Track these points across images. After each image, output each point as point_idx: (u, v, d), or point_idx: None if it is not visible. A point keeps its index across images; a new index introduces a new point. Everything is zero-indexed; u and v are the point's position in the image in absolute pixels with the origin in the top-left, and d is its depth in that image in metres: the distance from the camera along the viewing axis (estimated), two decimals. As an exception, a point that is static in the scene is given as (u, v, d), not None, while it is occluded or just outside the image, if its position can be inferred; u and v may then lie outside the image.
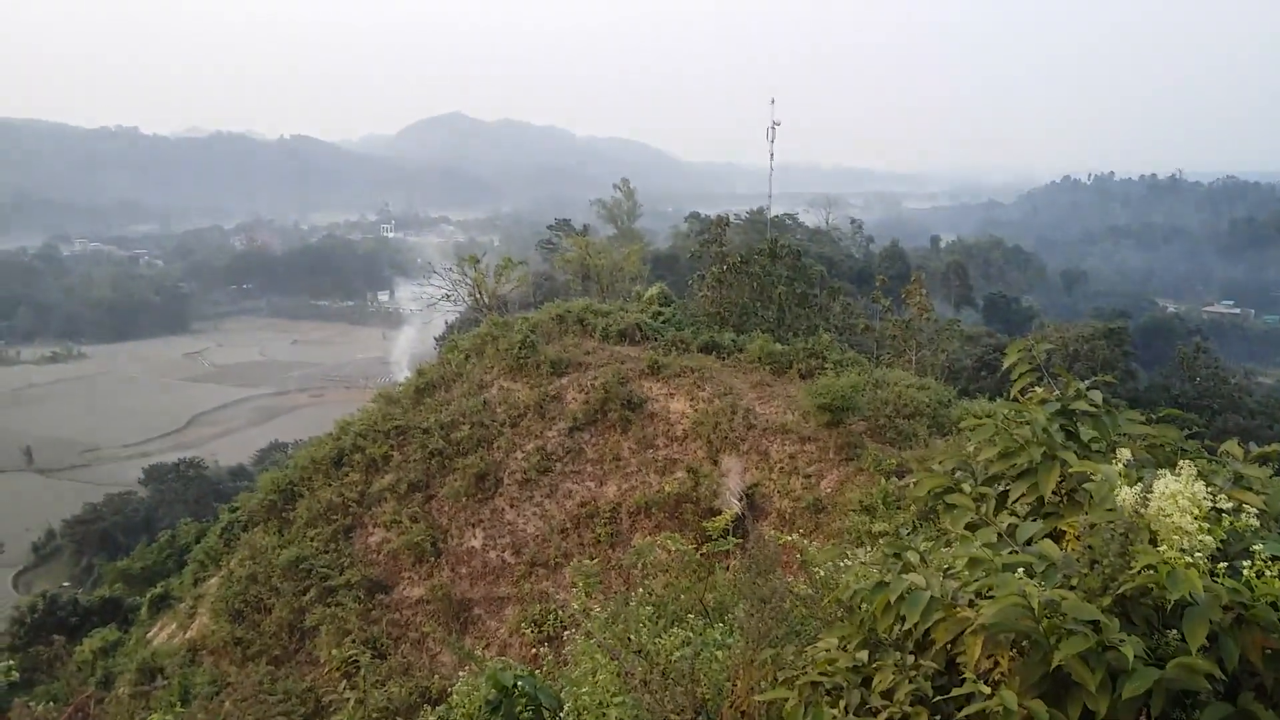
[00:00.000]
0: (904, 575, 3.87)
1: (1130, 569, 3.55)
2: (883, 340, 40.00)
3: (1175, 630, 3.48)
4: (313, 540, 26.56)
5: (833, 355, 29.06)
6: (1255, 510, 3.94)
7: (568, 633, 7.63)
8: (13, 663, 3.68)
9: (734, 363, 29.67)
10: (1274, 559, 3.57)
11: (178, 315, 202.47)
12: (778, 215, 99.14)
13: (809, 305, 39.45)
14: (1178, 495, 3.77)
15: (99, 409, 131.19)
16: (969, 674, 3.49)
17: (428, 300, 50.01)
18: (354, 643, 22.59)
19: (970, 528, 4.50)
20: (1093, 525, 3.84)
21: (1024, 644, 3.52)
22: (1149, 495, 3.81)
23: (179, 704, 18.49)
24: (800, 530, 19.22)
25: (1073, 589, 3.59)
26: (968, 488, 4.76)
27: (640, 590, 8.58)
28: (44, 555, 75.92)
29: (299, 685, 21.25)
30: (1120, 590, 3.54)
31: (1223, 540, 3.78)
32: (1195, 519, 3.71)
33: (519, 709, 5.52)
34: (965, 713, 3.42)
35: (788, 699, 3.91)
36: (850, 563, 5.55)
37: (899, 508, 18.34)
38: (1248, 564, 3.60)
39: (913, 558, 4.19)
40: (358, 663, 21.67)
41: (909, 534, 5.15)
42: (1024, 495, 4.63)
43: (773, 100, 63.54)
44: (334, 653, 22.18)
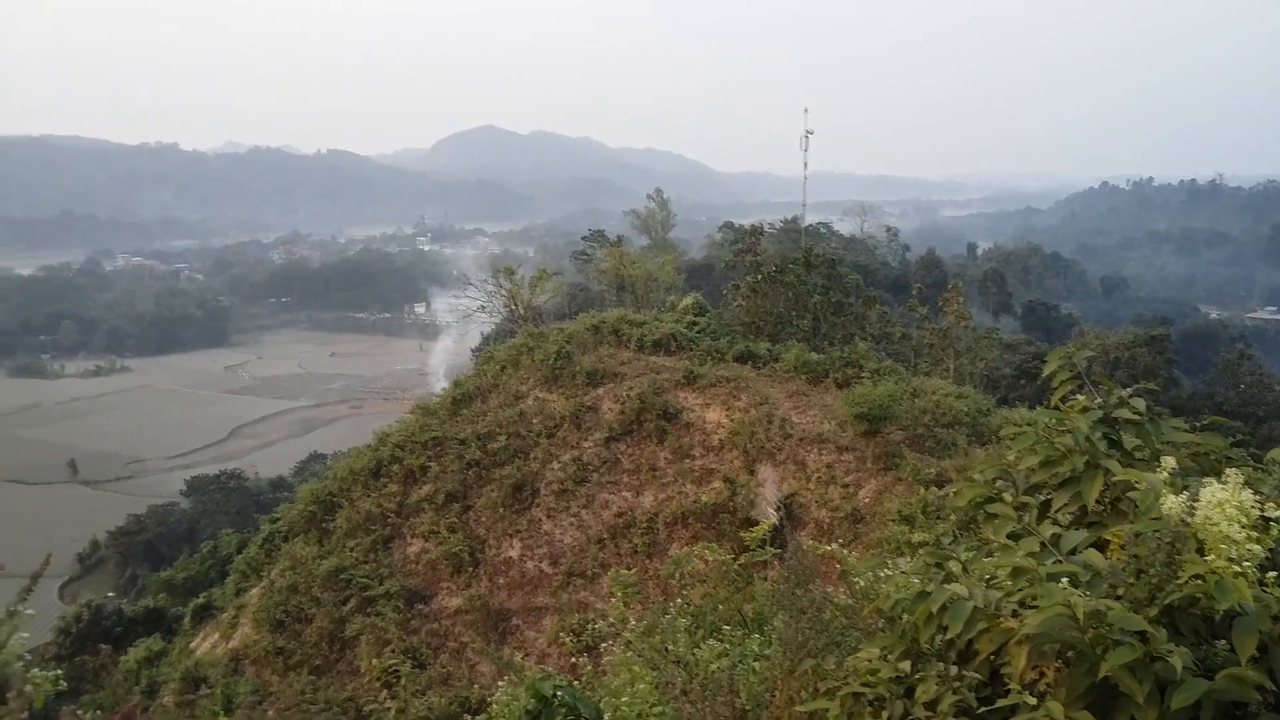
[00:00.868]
0: (946, 585, 3.84)
1: (1177, 579, 3.50)
2: (920, 349, 39.72)
3: (1224, 641, 3.43)
4: (352, 551, 26.76)
5: (869, 364, 28.89)
6: (1305, 518, 3.87)
7: (606, 644, 7.63)
8: (60, 671, 3.72)
9: (769, 372, 29.58)
10: (1325, 568, 3.51)
11: (218, 329, 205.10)
12: (812, 224, 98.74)
13: (845, 314, 39.26)
14: (1225, 503, 3.71)
15: (142, 422, 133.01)
16: (1014, 685, 3.46)
17: (464, 312, 50.33)
18: (394, 652, 22.71)
19: (1012, 537, 4.46)
20: (1138, 534, 3.79)
21: (1070, 655, 3.48)
22: (1195, 504, 3.76)
23: (222, 713, 18.67)
24: (838, 540, 19.11)
25: (1119, 599, 3.54)
26: (1009, 497, 4.72)
27: (678, 600, 8.57)
28: (89, 566, 76.93)
29: (339, 695, 21.38)
30: (1167, 600, 3.49)
31: (1271, 549, 3.72)
32: (1243, 527, 3.66)
33: (559, 719, 5.53)
34: (1010, 724, 3.38)
35: (829, 710, 3.89)
36: (891, 573, 5.51)
37: (938, 517, 18.19)
38: (1298, 573, 3.54)
39: (954, 567, 4.16)
40: (398, 672, 21.82)
41: (950, 543, 5.10)
42: (1067, 505, 4.58)
43: (806, 109, 63.47)
44: (374, 662, 22.32)
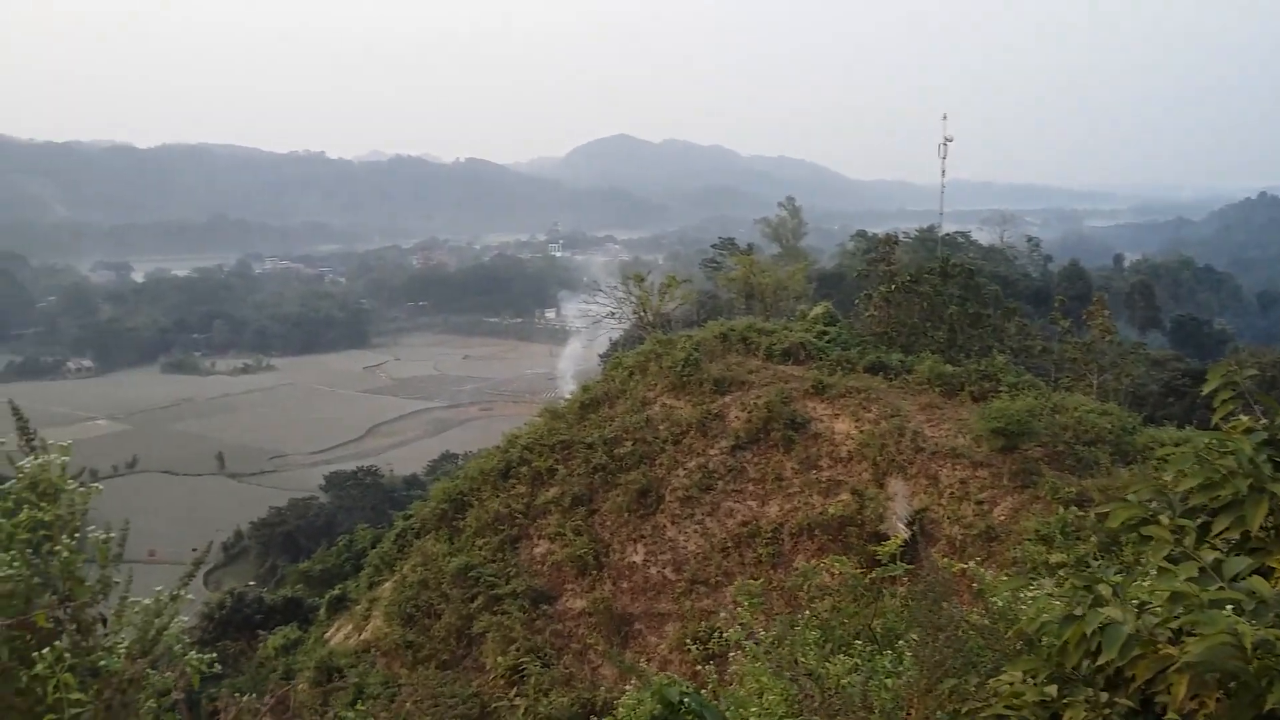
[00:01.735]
0: (1098, 608, 3.63)
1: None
2: (1061, 363, 38.27)
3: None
4: (481, 549, 27.25)
5: (1007, 378, 27.95)
6: None
7: (734, 653, 7.52)
8: (214, 655, 3.91)
9: (902, 384, 28.89)
10: None
11: (359, 330, 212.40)
12: (949, 233, 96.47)
13: (982, 326, 38.11)
14: None
15: (285, 418, 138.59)
16: (1172, 714, 3.25)
17: (593, 318, 50.77)
18: (518, 651, 23.03)
19: (1169, 561, 4.20)
20: (1311, 562, 3.52)
21: (1232, 685, 3.26)
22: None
23: (359, 702, 19.23)
24: (971, 558, 18.54)
25: (1288, 630, 3.29)
26: (1165, 519, 4.45)
27: (806, 613, 8.41)
28: (233, 555, 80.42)
29: (466, 690, 21.78)
30: (1343, 634, 3.23)
31: None
32: None
33: (683, 726, 5.46)
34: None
35: (969, 732, 3.74)
36: (1034, 593, 5.27)
37: (1078, 538, 17.46)
38: None
39: (1105, 590, 3.93)
40: (521, 670, 22.13)
41: (1099, 565, 4.84)
42: (1228, 529, 4.30)
43: (945, 116, 61.98)
44: (499, 660, 22.66)
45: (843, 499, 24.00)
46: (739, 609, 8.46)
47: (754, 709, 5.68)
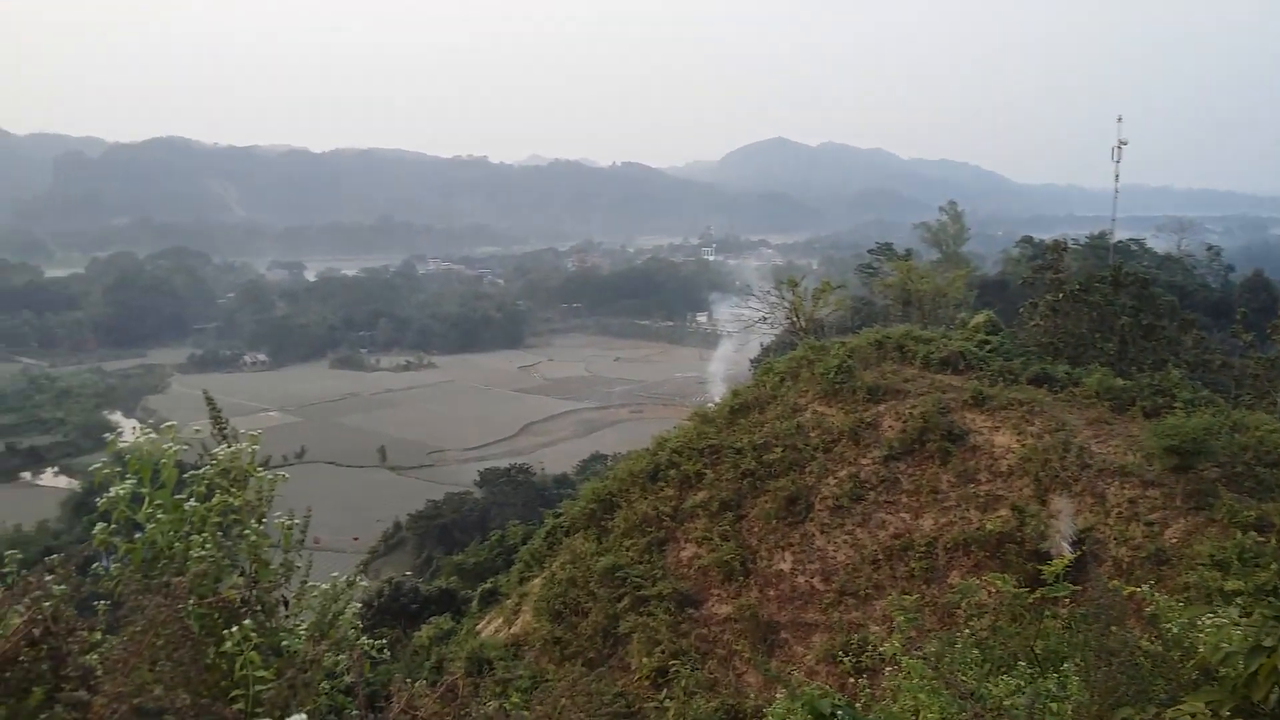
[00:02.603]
0: (1291, 641, 3.41)
1: None
2: (1242, 379, 36.00)
3: None
4: (628, 550, 27.46)
5: (1183, 393, 26.47)
6: None
7: (890, 668, 7.35)
8: (384, 641, 4.12)
9: (1068, 397, 27.69)
10: None
11: (515, 331, 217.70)
12: (1122, 240, 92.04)
13: (1156, 338, 36.22)
14: None
15: (443, 415, 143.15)
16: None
17: (745, 322, 50.64)
18: (663, 653, 23.12)
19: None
20: None
21: None
22: None
23: (514, 695, 19.70)
24: (1139, 582, 17.65)
25: None
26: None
27: (965, 630, 8.15)
28: (391, 545, 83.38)
29: (611, 688, 22.00)
30: None
31: None
32: None
33: (833, 738, 5.38)
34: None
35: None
36: (1213, 621, 4.98)
37: (1257, 564, 16.42)
38: None
39: (1298, 622, 3.68)
40: (666, 672, 22.22)
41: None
42: None
43: (1119, 118, 59.40)
44: (644, 660, 22.81)
45: (1001, 515, 23.17)
46: (896, 624, 8.26)
47: (910, 726, 5.55)
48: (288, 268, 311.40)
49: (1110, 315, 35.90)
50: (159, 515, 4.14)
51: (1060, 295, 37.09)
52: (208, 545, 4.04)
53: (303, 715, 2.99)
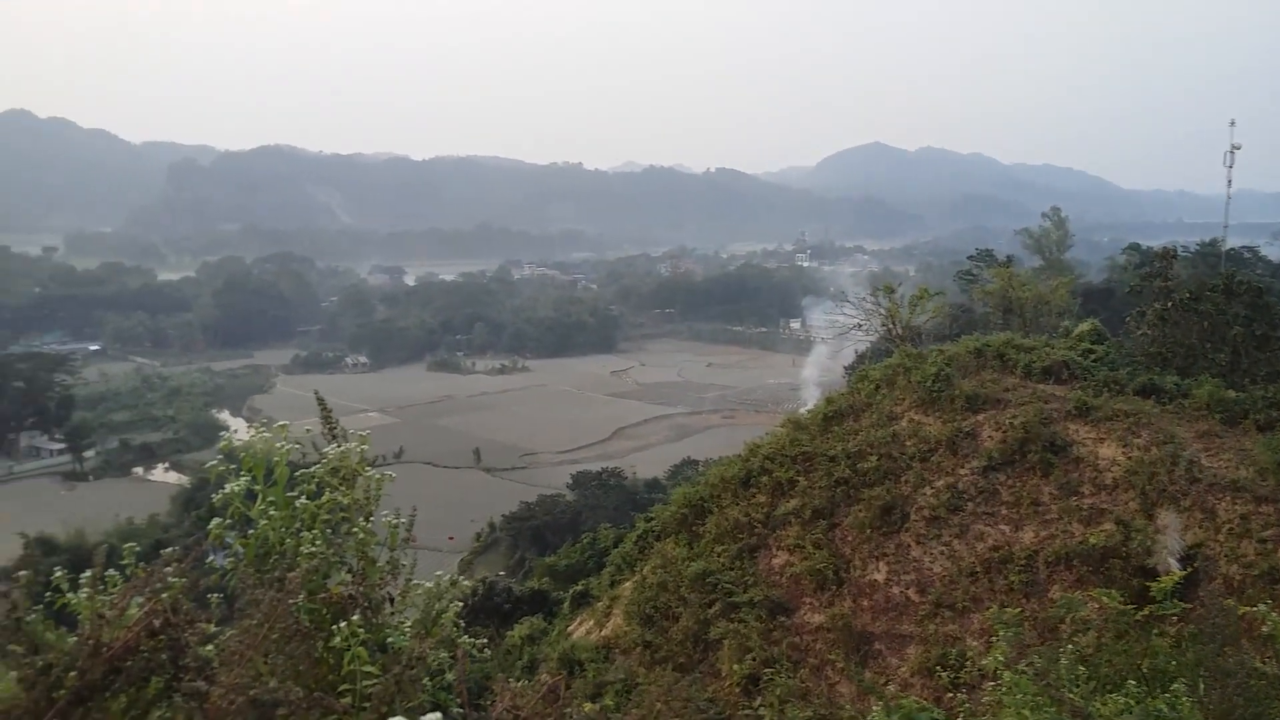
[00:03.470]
0: None
1: None
2: (1364, 394, 34.31)
3: None
4: (719, 556, 27.37)
5: (1300, 407, 25.34)
6: None
7: (991, 683, 7.18)
8: (485, 640, 4.21)
9: (1176, 409, 26.73)
10: None
11: (607, 336, 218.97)
12: (1234, 248, 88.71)
13: (1271, 349, 34.70)
14: None
15: (537, 418, 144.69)
16: None
17: (839, 329, 50.06)
18: (754, 661, 22.98)
19: None
20: None
21: None
22: None
23: (608, 697, 19.83)
24: (1252, 601, 16.94)
25: None
26: None
27: (1069, 647, 7.92)
28: (485, 545, 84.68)
29: (702, 694, 21.95)
30: None
31: None
32: None
33: (931, 753, 5.29)
34: None
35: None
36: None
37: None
38: None
39: None
40: (757, 680, 22.08)
41: None
42: None
43: (1233, 122, 57.28)
44: (735, 667, 22.72)
45: (1105, 529, 22.47)
46: (996, 638, 8.06)
47: (1012, 743, 5.41)
48: (388, 272, 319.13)
49: (1222, 325, 34.54)
50: (271, 512, 4.28)
51: (1169, 304, 35.81)
52: (317, 542, 4.16)
53: (437, 715, 3.05)
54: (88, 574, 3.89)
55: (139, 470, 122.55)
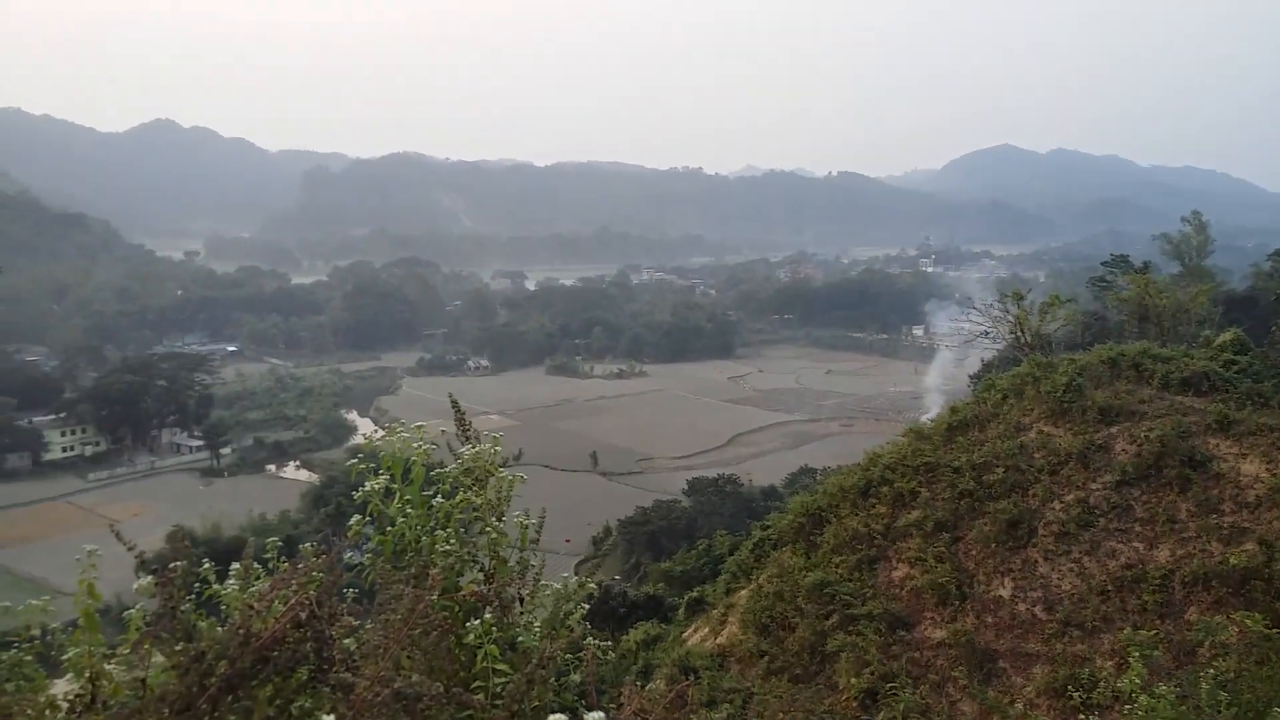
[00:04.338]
0: None
1: None
2: None
3: None
4: (837, 567, 27.01)
5: None
6: None
7: (1126, 706, 6.93)
8: (610, 643, 4.29)
9: (1326, 425, 25.33)
10: None
11: (725, 341, 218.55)
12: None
13: None
14: None
15: (653, 422, 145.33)
16: None
17: (964, 336, 48.96)
18: (872, 674, 22.61)
19: None
20: None
21: None
22: None
23: (725, 705, 19.83)
24: None
25: None
26: None
27: (1209, 671, 7.58)
28: (601, 549, 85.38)
29: (818, 706, 21.71)
30: None
31: None
32: None
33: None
34: None
35: None
36: None
37: None
38: None
39: None
40: (875, 694, 21.71)
41: None
42: None
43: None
44: (853, 680, 22.39)
45: (1247, 549, 21.39)
46: (1132, 660, 7.77)
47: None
48: (510, 277, 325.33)
49: (1380, 335, 32.62)
50: (408, 510, 4.45)
51: (1321, 313, 33.98)
52: (451, 541, 4.30)
53: (599, 716, 3.11)
54: (235, 567, 4.12)
55: (271, 467, 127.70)
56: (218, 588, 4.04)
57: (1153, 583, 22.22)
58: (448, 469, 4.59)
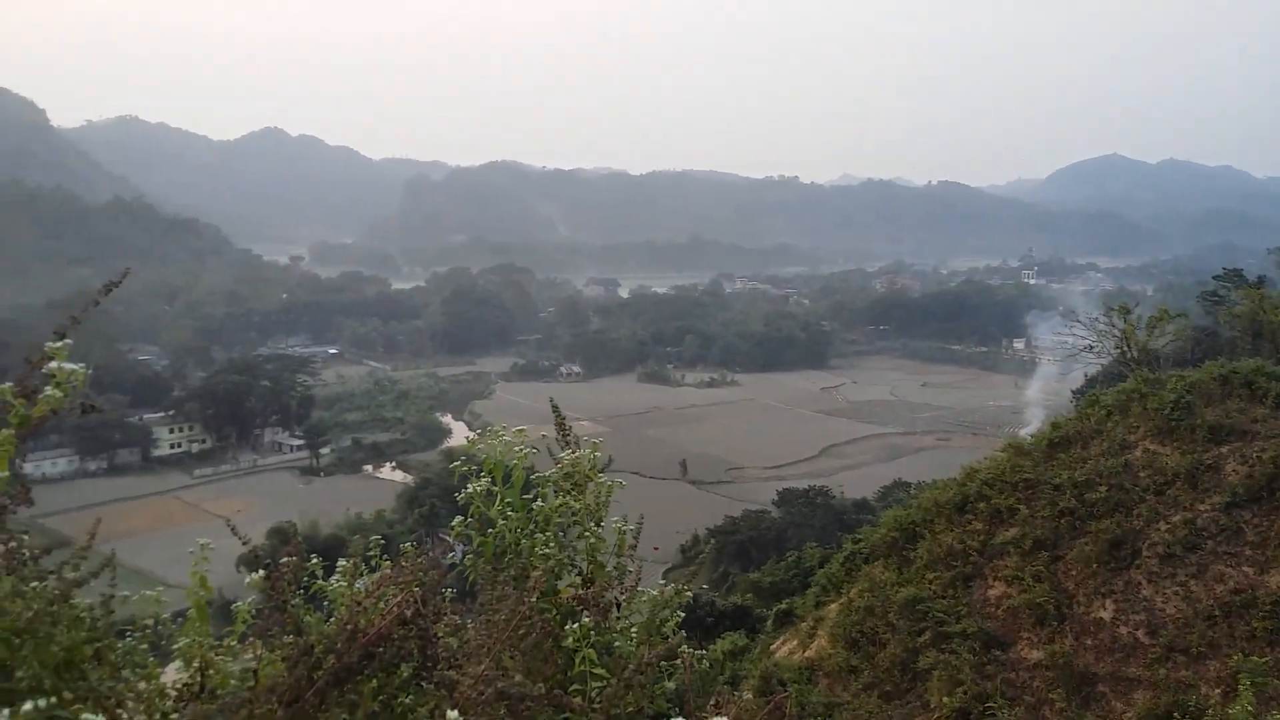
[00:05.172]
0: None
1: None
2: None
3: None
4: (931, 583, 26.55)
5: None
6: None
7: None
8: (705, 651, 4.34)
9: None
10: None
11: (818, 351, 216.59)
12: None
13: None
14: None
15: (744, 432, 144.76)
16: None
17: (1067, 350, 47.81)
18: (965, 694, 22.17)
19: None
20: None
21: None
22: None
23: (814, 718, 19.69)
24: None
25: None
26: None
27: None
28: (689, 558, 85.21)
29: (909, 724, 21.38)
30: None
31: None
32: None
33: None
34: None
35: None
36: None
37: None
38: None
39: None
40: (968, 714, 21.27)
41: None
42: None
43: None
44: (945, 700, 21.99)
45: (1367, 577, 20.47)
46: (1242, 689, 7.49)
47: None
48: (603, 284, 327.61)
49: None
50: (509, 513, 4.56)
51: None
52: (550, 544, 4.39)
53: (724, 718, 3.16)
54: (342, 563, 4.27)
55: (368, 468, 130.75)
56: (324, 583, 4.18)
57: (1263, 608, 21.36)
58: (548, 473, 4.69)
